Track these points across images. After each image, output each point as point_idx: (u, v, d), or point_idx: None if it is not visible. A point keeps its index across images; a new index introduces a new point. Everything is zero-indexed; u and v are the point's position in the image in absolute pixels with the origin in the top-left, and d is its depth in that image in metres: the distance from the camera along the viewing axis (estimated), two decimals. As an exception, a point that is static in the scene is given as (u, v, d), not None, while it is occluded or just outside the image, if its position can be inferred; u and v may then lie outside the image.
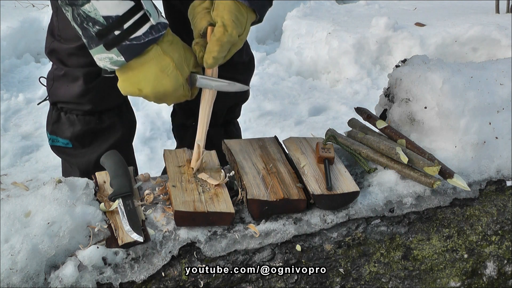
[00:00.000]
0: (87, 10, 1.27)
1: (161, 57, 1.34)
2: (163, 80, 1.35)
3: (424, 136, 1.56)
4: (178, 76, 1.36)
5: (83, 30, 1.31)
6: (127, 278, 1.24)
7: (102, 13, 1.27)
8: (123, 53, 1.30)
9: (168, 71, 1.34)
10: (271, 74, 4.03)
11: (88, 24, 1.29)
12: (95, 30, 1.29)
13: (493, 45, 3.94)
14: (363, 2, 5.14)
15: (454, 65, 1.62)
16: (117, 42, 1.29)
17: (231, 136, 2.08)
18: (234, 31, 1.34)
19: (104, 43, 1.30)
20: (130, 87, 1.37)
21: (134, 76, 1.35)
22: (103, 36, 1.29)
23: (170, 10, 1.90)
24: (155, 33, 1.32)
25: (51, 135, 1.91)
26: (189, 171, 1.45)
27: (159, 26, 1.32)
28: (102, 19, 1.27)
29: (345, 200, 1.39)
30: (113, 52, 1.30)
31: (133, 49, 1.31)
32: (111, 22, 1.28)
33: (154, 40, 1.32)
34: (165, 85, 1.35)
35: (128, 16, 1.29)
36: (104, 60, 1.32)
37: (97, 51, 1.32)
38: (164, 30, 1.34)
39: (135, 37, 1.30)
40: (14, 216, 1.24)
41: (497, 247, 1.44)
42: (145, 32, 1.30)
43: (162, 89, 1.36)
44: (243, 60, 1.97)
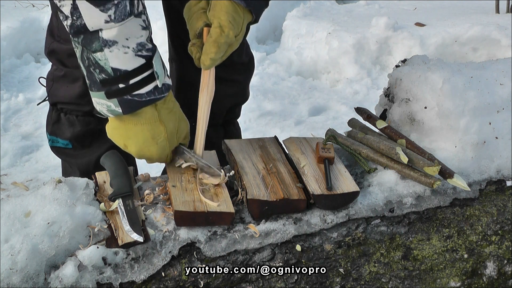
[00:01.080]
0: (97, 57, 1.27)
1: (156, 124, 1.36)
2: (151, 146, 1.38)
3: (424, 136, 1.56)
4: (166, 147, 1.40)
5: (88, 73, 1.31)
6: (127, 278, 1.24)
7: (112, 64, 1.27)
8: (122, 105, 1.31)
9: (158, 140, 1.37)
10: (271, 74, 4.03)
11: (95, 70, 1.29)
12: (100, 78, 1.29)
13: (493, 45, 3.93)
14: (363, 2, 5.14)
15: (454, 65, 1.62)
16: (119, 94, 1.30)
17: (231, 136, 2.08)
18: (231, 32, 1.33)
19: (105, 91, 1.30)
20: (117, 138, 1.40)
21: (125, 131, 1.37)
22: (107, 85, 1.30)
23: (169, 10, 1.90)
24: (158, 94, 1.33)
25: (51, 135, 1.91)
26: (189, 171, 1.45)
27: (163, 88, 1.34)
28: (110, 69, 1.28)
29: (345, 200, 1.39)
30: (112, 102, 1.31)
31: (132, 104, 1.32)
32: (118, 75, 1.28)
33: (154, 100, 1.34)
34: (151, 152, 1.39)
35: (136, 73, 1.29)
36: (101, 105, 1.33)
37: (98, 95, 1.32)
38: (166, 92, 1.35)
39: (137, 93, 1.31)
40: (14, 216, 1.24)
41: (497, 247, 1.44)
42: (148, 91, 1.32)
43: (148, 154, 1.40)
44: (242, 61, 1.97)
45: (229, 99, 2.00)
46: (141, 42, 1.29)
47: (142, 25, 1.29)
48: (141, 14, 1.29)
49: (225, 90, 1.88)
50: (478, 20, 4.24)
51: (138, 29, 1.28)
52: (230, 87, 1.94)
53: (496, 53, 3.88)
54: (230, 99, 2.00)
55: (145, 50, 1.30)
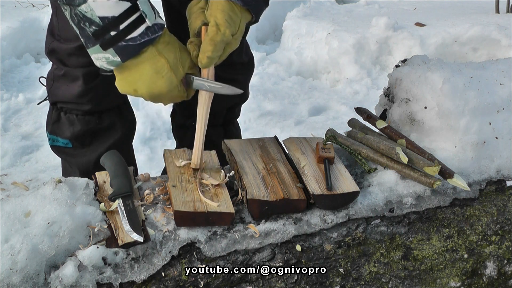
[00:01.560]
0: (83, 10, 1.28)
1: (156, 59, 1.35)
2: (158, 81, 1.36)
3: (424, 136, 1.56)
4: (173, 77, 1.37)
5: (80, 30, 1.31)
6: (127, 278, 1.24)
7: (98, 13, 1.28)
8: (119, 53, 1.31)
9: (162, 73, 1.36)
10: (271, 74, 4.03)
11: (85, 24, 1.29)
12: (92, 30, 1.30)
13: (493, 45, 3.93)
14: (363, 2, 5.14)
15: (454, 65, 1.62)
16: (113, 42, 1.30)
17: (231, 136, 2.08)
18: (227, 31, 1.34)
19: (100, 43, 1.30)
20: (126, 87, 1.38)
21: (130, 76, 1.36)
22: (99, 36, 1.30)
23: (169, 10, 1.90)
24: (151, 34, 1.33)
25: (51, 135, 1.91)
26: (189, 171, 1.45)
27: (155, 27, 1.33)
28: (98, 19, 1.28)
29: (345, 200, 1.39)
30: (109, 52, 1.31)
31: (129, 49, 1.31)
32: (107, 23, 1.28)
33: (149, 41, 1.33)
34: (159, 86, 1.37)
35: (124, 17, 1.29)
36: (101, 59, 1.33)
37: (94, 50, 1.32)
38: (160, 31, 1.34)
39: (131, 37, 1.30)
40: (14, 216, 1.24)
41: (497, 247, 1.44)
42: (141, 33, 1.31)
43: (157, 90, 1.37)
44: (242, 61, 1.96)
45: (229, 99, 1.99)
46: None
47: None
48: None
49: (225, 90, 1.87)
50: (478, 20, 4.24)
51: None
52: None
53: (496, 53, 3.88)
54: (229, 99, 1.98)
55: None
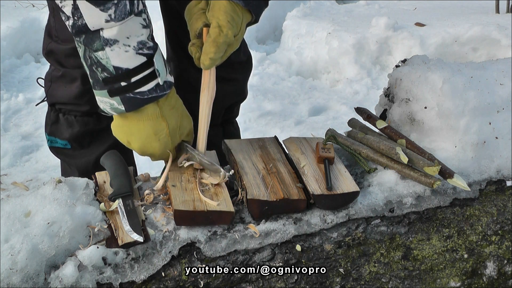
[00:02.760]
0: (99, 56, 1.28)
1: (158, 121, 1.37)
2: (153, 142, 1.39)
3: (424, 136, 1.56)
4: (169, 143, 1.40)
5: (91, 72, 1.32)
6: (127, 278, 1.24)
7: (113, 63, 1.28)
8: (125, 103, 1.33)
9: (160, 136, 1.38)
10: (271, 74, 4.03)
11: (97, 69, 1.30)
12: (103, 76, 1.31)
13: (493, 45, 3.93)
14: (363, 2, 5.14)
15: (454, 65, 1.62)
16: (121, 92, 1.31)
17: (230, 135, 2.08)
18: (230, 32, 1.34)
19: (108, 90, 1.32)
20: (121, 135, 1.41)
21: (128, 128, 1.38)
22: (109, 83, 1.31)
23: (166, 10, 1.90)
24: (160, 91, 1.34)
25: (49, 136, 1.91)
26: (189, 171, 1.45)
27: (165, 85, 1.35)
28: (112, 68, 1.29)
29: (345, 200, 1.39)
30: (115, 100, 1.33)
31: (135, 102, 1.33)
32: (120, 74, 1.30)
33: (156, 98, 1.35)
34: (154, 148, 1.40)
35: (137, 71, 1.31)
36: (105, 103, 1.35)
37: (100, 94, 1.34)
38: (168, 89, 1.36)
39: (139, 91, 1.32)
40: (14, 216, 1.24)
41: (497, 247, 1.44)
42: (150, 89, 1.33)
43: (151, 150, 1.40)
44: (240, 60, 1.97)
45: (228, 98, 1.99)
46: (141, 40, 1.30)
47: (143, 24, 1.30)
48: (142, 13, 1.30)
49: (224, 89, 1.87)
50: (478, 20, 4.24)
51: (139, 27, 1.29)
52: (229, 86, 1.94)
53: (496, 53, 3.88)
54: (228, 98, 2.00)
55: (146, 48, 1.31)
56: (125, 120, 1.38)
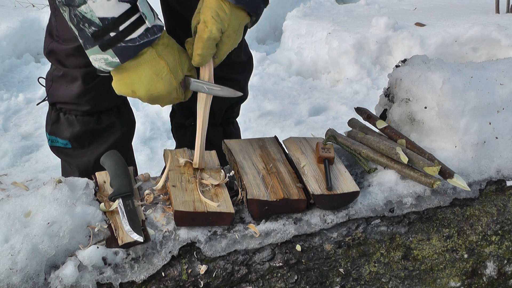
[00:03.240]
0: (83, 11, 1.28)
1: (156, 61, 1.35)
2: (157, 83, 1.36)
3: (424, 136, 1.56)
4: (172, 79, 1.38)
5: (79, 31, 1.31)
6: (127, 278, 1.24)
7: (98, 14, 1.28)
8: (118, 54, 1.31)
9: (162, 75, 1.36)
10: (271, 74, 4.03)
11: (84, 25, 1.29)
12: (91, 31, 1.29)
13: (493, 45, 3.94)
14: (363, 2, 5.15)
15: (454, 65, 1.62)
16: (112, 43, 1.30)
17: (230, 135, 2.08)
18: (214, 27, 1.35)
19: (99, 44, 1.30)
20: (124, 88, 1.38)
21: (128, 78, 1.36)
22: (98, 37, 1.30)
23: (167, 9, 1.90)
24: (150, 35, 1.33)
25: (50, 135, 1.91)
26: (189, 171, 1.45)
27: (154, 28, 1.33)
28: (98, 20, 1.28)
29: (345, 200, 1.39)
30: (108, 53, 1.31)
31: (128, 51, 1.31)
32: (107, 24, 1.29)
33: (149, 43, 1.33)
34: (158, 88, 1.37)
35: (123, 18, 1.29)
36: (99, 61, 1.33)
37: (93, 51, 1.32)
38: (159, 33, 1.35)
39: (130, 39, 1.30)
40: (14, 216, 1.24)
41: (497, 247, 1.44)
42: (140, 34, 1.31)
43: (156, 92, 1.38)
44: (241, 60, 1.97)
45: (228, 99, 1.99)
46: None
47: None
48: None
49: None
50: (478, 20, 4.24)
51: None
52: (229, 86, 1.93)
53: (496, 53, 3.88)
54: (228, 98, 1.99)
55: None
56: (123, 72, 1.36)
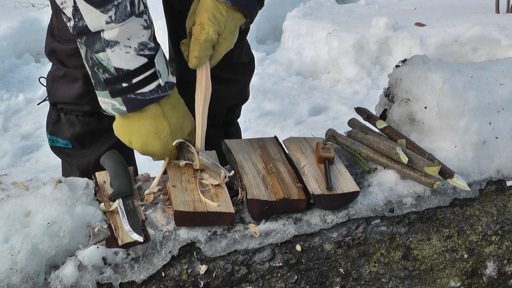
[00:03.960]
0: (100, 57, 1.29)
1: (159, 120, 1.38)
2: (154, 141, 1.39)
3: (424, 136, 1.56)
4: (170, 142, 1.41)
5: (92, 73, 1.33)
6: (127, 278, 1.24)
7: (114, 64, 1.29)
8: (126, 104, 1.33)
9: (161, 135, 1.39)
10: (271, 74, 4.03)
11: (98, 70, 1.31)
12: (104, 77, 1.31)
13: (493, 45, 3.94)
14: (363, 2, 5.14)
15: (454, 65, 1.62)
16: (122, 93, 1.32)
17: (231, 136, 2.08)
18: (211, 29, 1.35)
19: (109, 91, 1.32)
20: (122, 135, 1.42)
21: (129, 127, 1.39)
22: (110, 84, 1.31)
23: (169, 10, 1.90)
24: (161, 92, 1.35)
25: (51, 135, 1.91)
26: (189, 171, 1.45)
27: (166, 86, 1.36)
28: (113, 69, 1.29)
29: (345, 200, 1.39)
30: (116, 100, 1.33)
31: (136, 102, 1.34)
32: (121, 75, 1.30)
33: (158, 99, 1.35)
34: (154, 147, 1.41)
35: (138, 72, 1.31)
36: (107, 104, 1.36)
37: (102, 94, 1.35)
38: (170, 90, 1.37)
39: (141, 92, 1.33)
40: (14, 216, 1.24)
41: (497, 247, 1.44)
42: (151, 90, 1.33)
43: (151, 149, 1.41)
44: (242, 61, 1.96)
45: (229, 100, 2.00)
46: (142, 41, 1.30)
47: (144, 25, 1.30)
48: (143, 14, 1.30)
49: (225, 91, 1.88)
50: (478, 20, 4.24)
51: (140, 28, 1.29)
52: (231, 87, 1.94)
53: (496, 53, 3.88)
54: (230, 99, 2.00)
55: (147, 49, 1.31)
56: (126, 119, 1.38)
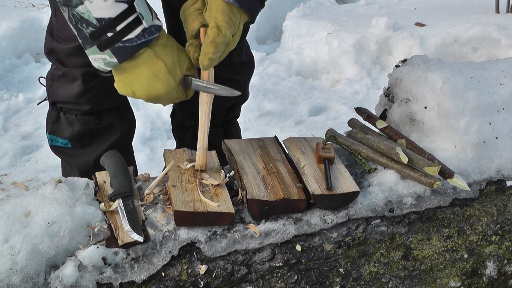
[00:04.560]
0: (80, 11, 1.28)
1: (154, 61, 1.35)
2: (155, 84, 1.36)
3: (424, 136, 1.56)
4: (170, 80, 1.38)
5: (77, 31, 1.32)
6: (127, 278, 1.24)
7: (95, 15, 1.28)
8: (116, 54, 1.32)
9: (160, 76, 1.36)
10: (271, 74, 4.03)
11: (82, 25, 1.30)
12: (89, 32, 1.30)
13: (493, 45, 3.94)
14: (363, 2, 5.15)
15: (454, 65, 1.62)
16: (110, 43, 1.31)
17: (231, 136, 2.08)
18: (228, 32, 1.34)
19: (97, 44, 1.31)
20: (124, 89, 1.39)
21: (128, 79, 1.37)
22: (96, 37, 1.30)
23: (168, 10, 1.90)
24: (148, 35, 1.33)
25: (50, 135, 1.91)
26: (189, 171, 1.45)
27: (152, 28, 1.34)
28: (95, 20, 1.29)
29: (345, 200, 1.39)
30: (106, 54, 1.32)
31: (125, 51, 1.32)
32: (104, 24, 1.29)
33: (146, 43, 1.33)
34: (157, 89, 1.37)
35: (121, 18, 1.30)
36: (98, 60, 1.34)
37: (92, 51, 1.33)
38: (157, 33, 1.35)
39: (127, 39, 1.31)
40: (14, 216, 1.24)
41: (497, 247, 1.44)
42: (137, 34, 1.31)
43: (155, 92, 1.38)
44: (242, 61, 1.96)
45: (229, 99, 1.98)
46: None
47: None
48: None
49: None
50: (478, 20, 4.24)
51: None
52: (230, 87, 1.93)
53: (496, 53, 3.88)
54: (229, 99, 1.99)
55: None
56: (123, 73, 1.37)
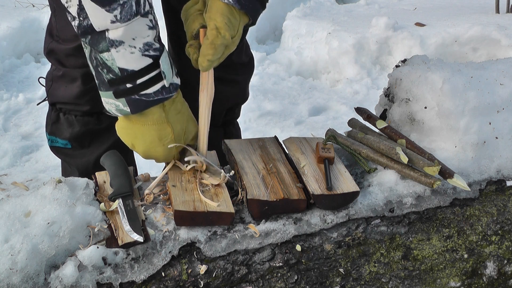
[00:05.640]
0: (105, 57, 1.28)
1: (163, 126, 1.37)
2: (158, 147, 1.39)
3: (424, 136, 1.56)
4: (173, 148, 1.40)
5: (96, 73, 1.32)
6: (127, 278, 1.24)
7: (118, 64, 1.28)
8: (130, 105, 1.32)
9: (165, 141, 1.38)
10: (271, 74, 4.03)
11: (102, 70, 1.30)
12: (108, 78, 1.30)
13: (493, 45, 3.94)
14: (363, 2, 5.15)
15: (454, 65, 1.62)
16: (126, 94, 1.31)
17: (230, 136, 2.08)
18: (227, 34, 1.34)
19: (113, 91, 1.31)
20: (125, 137, 1.41)
21: (132, 130, 1.38)
22: (114, 85, 1.30)
23: (168, 11, 1.90)
24: (166, 93, 1.34)
25: (50, 135, 1.91)
26: (189, 171, 1.45)
27: (171, 87, 1.35)
28: (117, 69, 1.28)
29: (345, 200, 1.39)
30: (120, 101, 1.32)
31: (140, 103, 1.32)
32: (125, 75, 1.29)
33: (162, 100, 1.34)
34: (158, 152, 1.40)
35: (143, 72, 1.30)
36: (110, 104, 1.34)
37: (106, 95, 1.33)
38: (174, 92, 1.36)
39: (145, 93, 1.31)
40: (14, 216, 1.24)
41: (497, 247, 1.44)
42: (155, 91, 1.32)
43: (154, 155, 1.41)
44: (242, 61, 1.96)
45: (229, 100, 1.99)
46: (148, 42, 1.29)
47: (149, 25, 1.29)
48: (148, 14, 1.29)
49: (225, 90, 1.87)
50: (478, 20, 4.24)
51: (145, 28, 1.28)
52: (230, 87, 1.94)
53: (496, 53, 3.88)
54: (229, 99, 2.00)
55: (152, 50, 1.30)
56: (130, 122, 1.37)
